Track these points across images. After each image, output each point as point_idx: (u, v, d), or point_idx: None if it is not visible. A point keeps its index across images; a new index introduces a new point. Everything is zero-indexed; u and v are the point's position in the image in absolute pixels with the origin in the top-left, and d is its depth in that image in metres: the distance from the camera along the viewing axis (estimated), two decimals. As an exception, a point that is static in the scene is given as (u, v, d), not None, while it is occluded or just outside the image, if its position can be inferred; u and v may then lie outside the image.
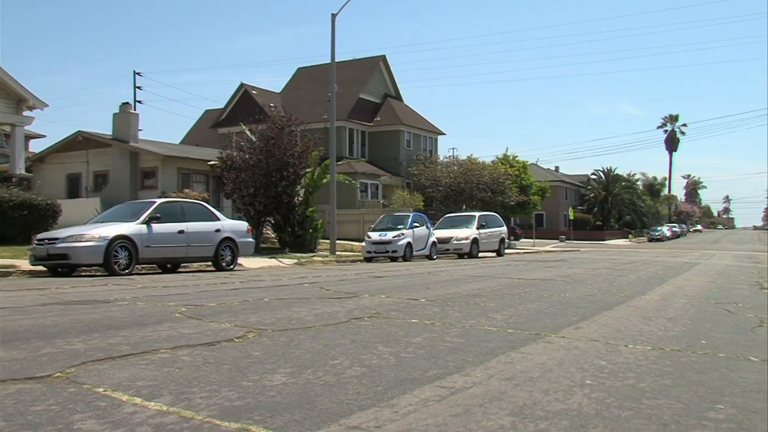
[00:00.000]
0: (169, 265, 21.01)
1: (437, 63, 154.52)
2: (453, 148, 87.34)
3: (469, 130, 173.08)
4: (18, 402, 4.02)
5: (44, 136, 53.71)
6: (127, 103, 42.25)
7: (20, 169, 29.92)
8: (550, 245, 62.80)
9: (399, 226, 31.96)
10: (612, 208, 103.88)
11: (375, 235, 31.43)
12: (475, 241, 35.72)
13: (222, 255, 21.13)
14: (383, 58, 66.56)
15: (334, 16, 33.97)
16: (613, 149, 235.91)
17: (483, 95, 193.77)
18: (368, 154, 61.63)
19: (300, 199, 33.82)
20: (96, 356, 5.50)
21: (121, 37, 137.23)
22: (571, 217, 76.63)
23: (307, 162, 33.36)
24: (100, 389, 4.35)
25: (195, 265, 22.09)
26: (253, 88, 63.48)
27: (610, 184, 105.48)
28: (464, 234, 35.73)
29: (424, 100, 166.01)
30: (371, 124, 62.07)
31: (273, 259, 26.36)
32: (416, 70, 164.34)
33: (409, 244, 31.10)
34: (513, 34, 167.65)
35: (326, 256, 30.07)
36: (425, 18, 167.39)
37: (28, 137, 41.61)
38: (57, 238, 18.54)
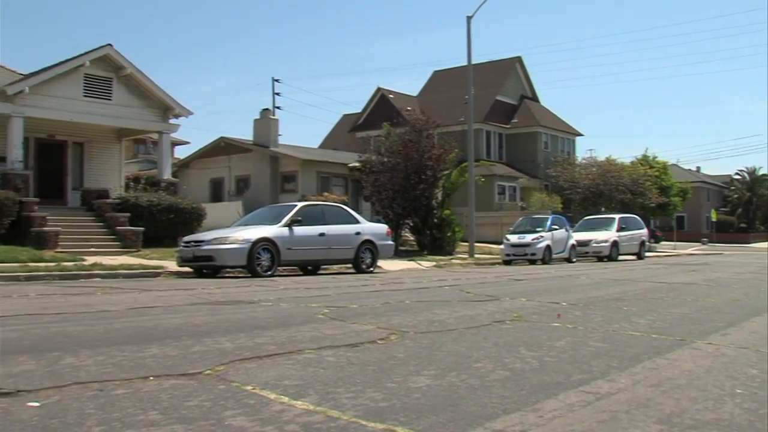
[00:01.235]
0: (309, 267, 21.36)
1: (575, 63, 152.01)
2: (591, 149, 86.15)
3: (607, 131, 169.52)
4: (173, 397, 4.16)
5: (188, 143, 55.50)
6: (267, 109, 43.24)
7: (167, 175, 30.93)
8: (692, 248, 61.05)
9: (538, 229, 31.65)
10: (757, 209, 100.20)
11: (514, 238, 31.22)
12: (615, 243, 35.10)
13: (362, 257, 21.34)
14: (519, 59, 66.00)
15: (469, 18, 33.92)
16: (757, 148, 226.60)
17: (621, 94, 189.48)
18: (506, 156, 61.25)
19: (438, 201, 33.86)
20: (243, 355, 5.63)
21: (260, 46, 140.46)
22: (714, 219, 74.37)
23: (445, 164, 33.39)
24: (249, 387, 4.44)
25: (335, 267, 22.39)
26: (390, 92, 63.84)
27: (755, 184, 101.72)
28: (604, 236, 35.17)
29: (561, 100, 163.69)
30: (508, 126, 61.66)
31: (412, 262, 26.49)
32: (553, 71, 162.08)
33: (548, 246, 30.76)
34: (652, 32, 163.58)
35: (465, 259, 30.04)
36: (562, 17, 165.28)
37: (174, 144, 43.03)
38: (202, 241, 19.13)
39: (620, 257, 35.45)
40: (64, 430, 3.47)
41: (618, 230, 36.03)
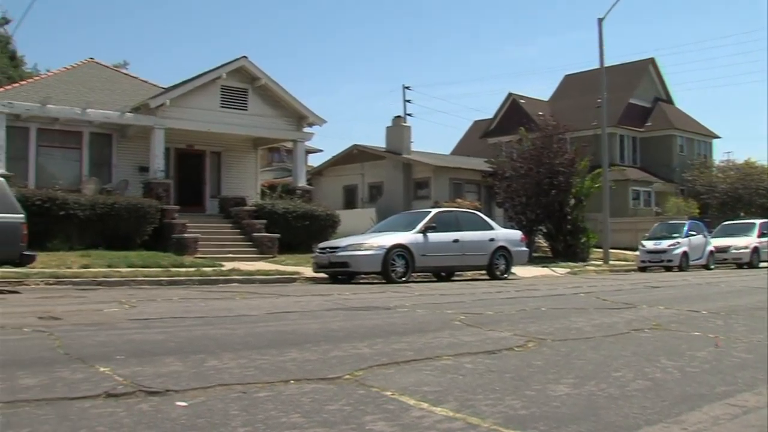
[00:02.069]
0: (443, 274, 21.37)
1: (711, 62, 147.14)
2: (728, 152, 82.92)
3: (747, 132, 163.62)
4: (313, 401, 4.23)
5: (321, 151, 56.32)
6: (400, 116, 43.54)
7: (302, 182, 31.51)
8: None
9: (674, 235, 30.97)
10: None
11: (649, 244, 30.65)
12: (755, 250, 33.84)
13: (496, 264, 21.23)
14: (652, 60, 64.34)
15: (600, 20, 33.42)
16: None
17: (764, 94, 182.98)
18: (639, 160, 59.86)
19: (571, 207, 33.45)
20: (381, 360, 5.67)
21: (389, 53, 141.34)
22: None
23: (577, 170, 33.00)
24: (388, 392, 4.48)
25: (469, 273, 22.32)
26: (521, 97, 63.30)
27: None
28: (744, 242, 33.99)
29: (696, 102, 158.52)
30: (642, 130, 60.21)
31: (545, 268, 26.24)
32: (688, 71, 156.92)
33: (684, 253, 30.04)
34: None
35: (599, 266, 29.61)
36: (696, 15, 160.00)
37: (308, 152, 43.72)
38: (338, 247, 19.41)
39: (761, 264, 34.23)
40: (210, 429, 3.58)
41: (759, 236, 34.73)
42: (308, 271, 20.33)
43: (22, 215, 14.68)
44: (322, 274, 19.78)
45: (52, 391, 4.46)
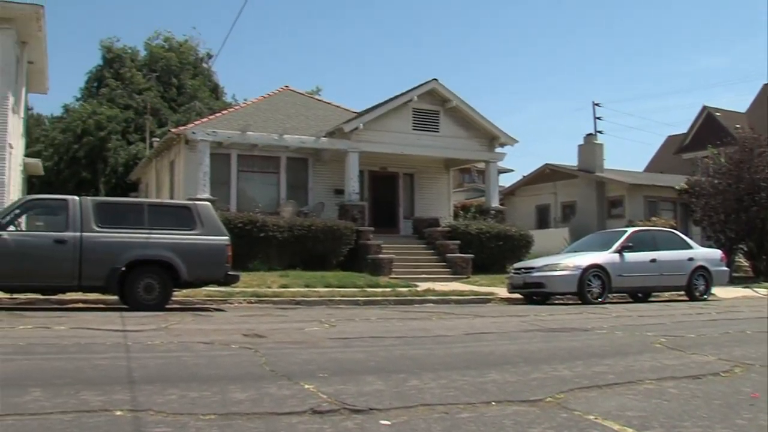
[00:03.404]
0: (639, 294, 20.87)
1: None
2: None
3: None
4: (516, 423, 4.26)
5: (512, 171, 56.12)
6: (592, 134, 42.99)
7: (495, 203, 31.43)
8: None
9: None
10: None
11: None
12: None
13: (695, 284, 20.49)
14: None
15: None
16: None
17: None
18: None
19: (774, 224, 31.94)
20: (582, 383, 5.64)
21: (578, 71, 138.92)
22: None
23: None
24: (591, 416, 4.45)
25: (666, 294, 21.71)
26: (716, 110, 60.94)
27: None
28: None
29: None
30: None
31: (747, 289, 25.13)
32: None
33: None
34: None
35: (807, 286, 28.11)
36: None
37: (499, 172, 43.72)
38: (533, 268, 19.31)
39: None
40: (416, 449, 3.67)
41: None
42: (502, 292, 20.29)
43: (227, 237, 15.39)
44: (517, 295, 19.71)
45: (260, 405, 4.71)
